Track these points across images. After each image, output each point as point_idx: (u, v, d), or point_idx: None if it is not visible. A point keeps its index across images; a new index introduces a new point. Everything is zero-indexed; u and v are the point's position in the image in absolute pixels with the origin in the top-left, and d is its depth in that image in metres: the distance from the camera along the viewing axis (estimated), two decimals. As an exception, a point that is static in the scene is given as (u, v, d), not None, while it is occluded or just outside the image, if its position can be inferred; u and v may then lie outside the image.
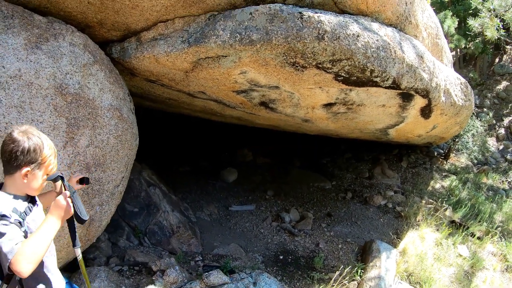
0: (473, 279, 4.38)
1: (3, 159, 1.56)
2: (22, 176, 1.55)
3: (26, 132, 1.56)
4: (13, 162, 1.53)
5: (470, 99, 5.27)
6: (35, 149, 1.55)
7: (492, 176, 7.97)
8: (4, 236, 1.42)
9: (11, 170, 1.56)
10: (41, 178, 1.62)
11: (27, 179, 1.57)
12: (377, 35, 2.86)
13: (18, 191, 1.60)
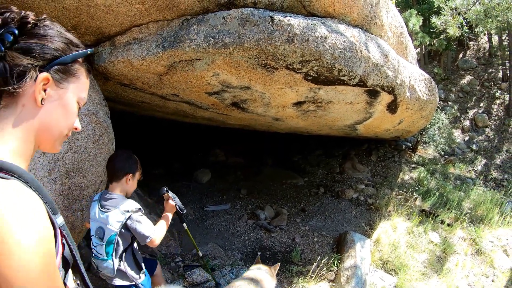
0: (445, 263, 4.61)
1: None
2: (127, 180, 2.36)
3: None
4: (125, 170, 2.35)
5: (434, 93, 5.53)
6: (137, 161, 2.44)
7: (459, 166, 8.35)
8: (144, 223, 2.23)
9: (120, 176, 2.34)
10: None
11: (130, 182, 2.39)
12: (344, 36, 3.01)
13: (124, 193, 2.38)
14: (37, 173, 2.54)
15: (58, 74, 0.88)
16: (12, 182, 0.73)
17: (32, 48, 0.83)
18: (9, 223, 0.66)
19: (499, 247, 5.03)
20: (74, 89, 0.94)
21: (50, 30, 0.88)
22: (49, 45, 0.86)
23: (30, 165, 2.50)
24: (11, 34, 0.81)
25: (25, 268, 0.67)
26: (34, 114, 0.86)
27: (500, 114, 10.60)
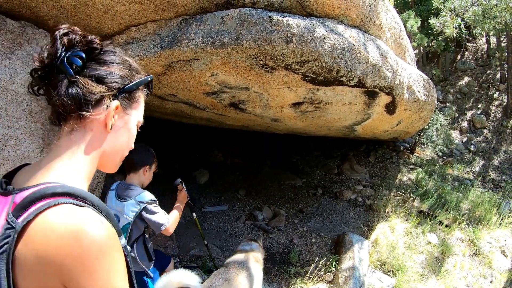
0: (444, 264, 4.61)
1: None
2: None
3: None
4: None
5: (432, 94, 5.53)
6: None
7: (457, 167, 8.36)
8: (158, 213, 2.39)
9: (138, 168, 2.55)
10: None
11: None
12: (343, 37, 3.00)
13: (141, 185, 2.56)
14: (33, 173, 2.52)
15: (124, 101, 0.93)
16: (87, 209, 0.77)
17: (104, 76, 0.87)
18: (98, 250, 0.73)
19: (497, 248, 5.03)
20: (135, 113, 0.99)
21: (115, 57, 0.91)
22: (117, 73, 0.90)
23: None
24: (80, 58, 0.84)
25: (109, 283, 0.74)
26: (102, 138, 0.91)
27: (498, 116, 10.61)
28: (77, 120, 0.87)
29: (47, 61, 0.84)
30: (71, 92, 0.83)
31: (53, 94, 0.83)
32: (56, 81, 0.83)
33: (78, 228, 0.72)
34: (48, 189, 0.76)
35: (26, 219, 0.72)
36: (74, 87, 0.83)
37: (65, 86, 0.83)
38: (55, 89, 0.83)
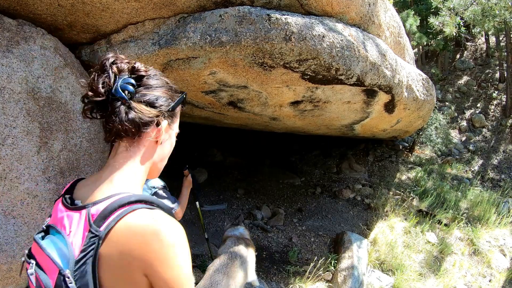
0: (443, 263, 4.61)
1: None
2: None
3: None
4: None
5: (431, 93, 5.53)
6: None
7: (456, 166, 8.36)
8: (168, 198, 2.55)
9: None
10: None
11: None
12: (342, 35, 2.99)
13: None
14: (31, 171, 2.51)
15: (169, 119, 1.08)
16: (157, 211, 0.92)
17: (154, 101, 1.00)
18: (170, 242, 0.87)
19: (496, 247, 5.03)
20: (176, 126, 1.15)
21: (158, 80, 1.04)
22: (163, 96, 1.03)
23: (25, 164, 2.47)
24: (131, 85, 0.96)
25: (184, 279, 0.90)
26: (153, 151, 1.07)
27: (497, 115, 10.61)
28: (133, 139, 1.00)
29: (103, 89, 0.94)
30: (130, 117, 0.95)
31: (112, 118, 0.94)
32: (113, 107, 0.94)
33: (156, 227, 0.86)
34: (123, 199, 0.89)
35: (108, 226, 0.85)
36: (131, 112, 0.95)
37: (124, 111, 0.94)
38: (113, 114, 0.94)
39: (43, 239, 0.94)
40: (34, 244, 0.96)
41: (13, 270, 2.49)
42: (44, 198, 2.58)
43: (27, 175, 2.49)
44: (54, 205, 1.03)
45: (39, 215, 2.56)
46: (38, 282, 0.90)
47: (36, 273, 0.90)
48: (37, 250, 0.93)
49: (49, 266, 0.88)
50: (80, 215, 0.91)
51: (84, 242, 0.86)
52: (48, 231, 0.98)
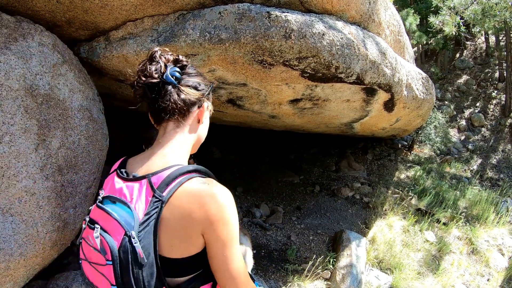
0: (441, 262, 4.61)
1: None
2: None
3: None
4: None
5: (431, 92, 5.52)
6: None
7: (455, 165, 8.37)
8: None
9: None
10: None
11: None
12: (342, 33, 2.98)
13: None
14: (29, 169, 2.49)
15: (207, 101, 1.27)
16: (211, 179, 1.09)
17: (197, 86, 1.20)
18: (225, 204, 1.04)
19: (495, 247, 5.04)
20: (211, 108, 1.33)
21: (195, 70, 1.23)
22: (202, 82, 1.23)
23: (22, 161, 2.45)
24: (178, 72, 1.15)
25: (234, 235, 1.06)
26: (196, 130, 1.26)
27: (496, 114, 10.62)
28: (181, 118, 1.18)
29: (156, 75, 1.11)
30: (182, 97, 1.15)
31: (166, 99, 1.13)
32: (165, 90, 1.13)
33: (211, 192, 1.03)
34: (181, 169, 1.07)
35: (170, 191, 1.01)
36: (181, 94, 1.15)
37: (176, 93, 1.14)
38: (165, 96, 1.13)
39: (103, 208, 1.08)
40: (96, 211, 1.10)
41: (11, 268, 2.48)
42: (42, 196, 2.57)
43: (24, 173, 2.47)
44: (107, 180, 1.21)
45: (37, 213, 2.55)
46: (102, 244, 1.01)
47: (101, 236, 1.02)
48: (101, 215, 1.07)
49: (115, 229, 1.01)
50: (140, 184, 1.07)
51: (148, 206, 1.01)
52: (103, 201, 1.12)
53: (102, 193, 1.17)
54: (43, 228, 2.61)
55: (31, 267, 2.66)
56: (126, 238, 0.98)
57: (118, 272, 0.99)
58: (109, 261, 1.00)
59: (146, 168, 1.13)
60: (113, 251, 0.99)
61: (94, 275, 1.10)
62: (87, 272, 1.15)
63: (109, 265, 1.01)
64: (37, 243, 2.60)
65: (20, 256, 2.50)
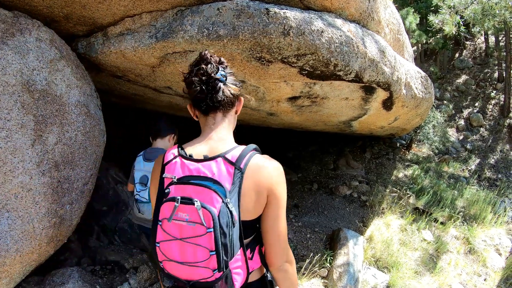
0: (438, 261, 4.62)
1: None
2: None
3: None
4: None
5: (430, 91, 5.51)
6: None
7: (453, 165, 8.37)
8: None
9: (165, 135, 2.94)
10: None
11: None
12: (341, 30, 2.97)
13: None
14: (25, 165, 2.48)
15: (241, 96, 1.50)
16: (266, 155, 1.39)
17: (236, 83, 1.43)
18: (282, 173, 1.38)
19: (492, 247, 5.04)
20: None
21: (230, 69, 1.44)
22: (237, 80, 1.47)
23: (19, 157, 2.44)
24: (224, 71, 1.37)
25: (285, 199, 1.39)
26: (234, 119, 1.52)
27: (495, 114, 10.63)
28: (226, 110, 1.42)
29: (212, 74, 1.32)
30: (232, 92, 1.39)
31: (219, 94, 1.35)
32: (217, 86, 1.34)
33: (273, 164, 1.36)
34: (247, 148, 1.34)
35: (246, 164, 1.28)
36: (230, 90, 1.38)
37: (227, 89, 1.37)
38: (217, 91, 1.34)
39: (192, 184, 1.25)
40: (184, 188, 1.24)
41: (6, 264, 2.47)
42: (38, 192, 2.56)
43: (21, 169, 2.46)
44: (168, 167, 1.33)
45: (33, 208, 2.54)
46: (204, 214, 1.19)
47: (202, 208, 1.19)
48: (194, 190, 1.23)
49: (212, 199, 1.20)
50: (217, 162, 1.28)
51: (232, 177, 1.25)
52: (185, 181, 1.27)
53: (171, 176, 1.29)
54: (39, 224, 2.60)
55: (27, 263, 2.65)
56: (224, 205, 1.20)
57: (218, 236, 1.19)
58: (210, 229, 1.18)
59: (211, 150, 1.34)
60: (214, 218, 1.18)
61: (177, 269, 1.27)
62: (170, 268, 1.29)
63: (209, 232, 1.19)
64: (33, 239, 2.59)
65: (16, 252, 2.49)
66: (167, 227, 1.25)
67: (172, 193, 1.26)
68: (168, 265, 1.29)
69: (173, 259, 1.27)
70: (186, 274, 1.27)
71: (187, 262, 1.24)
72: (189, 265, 1.25)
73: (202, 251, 1.21)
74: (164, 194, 1.27)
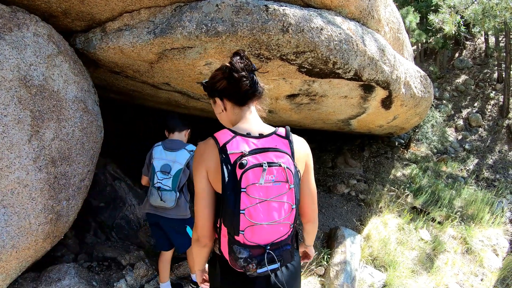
0: (435, 261, 4.61)
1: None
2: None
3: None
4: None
5: (429, 91, 5.51)
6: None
7: (451, 165, 8.38)
8: None
9: (182, 129, 3.12)
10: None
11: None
12: (340, 28, 2.95)
13: None
14: (21, 161, 2.47)
15: None
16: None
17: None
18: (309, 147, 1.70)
19: (489, 247, 5.05)
20: None
21: None
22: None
23: (15, 152, 2.42)
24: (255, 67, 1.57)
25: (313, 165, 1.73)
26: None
27: (494, 115, 10.64)
28: (257, 100, 1.64)
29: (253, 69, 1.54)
30: (263, 85, 1.63)
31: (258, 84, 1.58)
32: (254, 78, 1.56)
33: (305, 141, 1.69)
34: (287, 128, 1.58)
35: (292, 137, 1.56)
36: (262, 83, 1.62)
37: (260, 81, 1.60)
38: (257, 83, 1.58)
39: (270, 151, 1.46)
40: (262, 155, 1.43)
41: (2, 260, 2.46)
42: (35, 188, 2.55)
43: (17, 164, 2.45)
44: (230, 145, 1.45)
45: (29, 204, 2.53)
46: (288, 173, 1.43)
47: (287, 168, 1.43)
48: (274, 155, 1.44)
49: (288, 161, 1.45)
50: (273, 138, 1.52)
51: (289, 146, 1.52)
52: (257, 152, 1.44)
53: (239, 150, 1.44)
54: (36, 220, 2.59)
55: (23, 259, 2.64)
56: (294, 166, 1.48)
57: (296, 192, 1.47)
58: (292, 185, 1.44)
59: (260, 129, 1.55)
60: (295, 176, 1.46)
61: (260, 232, 1.41)
62: (252, 233, 1.41)
63: (292, 188, 1.45)
64: (29, 235, 2.58)
65: (12, 248, 2.48)
66: (255, 191, 1.40)
67: (252, 162, 1.41)
68: (251, 231, 1.40)
69: (259, 221, 1.40)
70: (267, 235, 1.44)
71: (272, 221, 1.42)
72: (274, 223, 1.43)
73: (286, 206, 1.45)
74: (240, 165, 1.39)
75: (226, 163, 1.43)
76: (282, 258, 1.50)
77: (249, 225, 1.39)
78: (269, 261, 1.45)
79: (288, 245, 1.53)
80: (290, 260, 1.57)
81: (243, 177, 1.38)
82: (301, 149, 1.61)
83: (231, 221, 1.41)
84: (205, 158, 1.50)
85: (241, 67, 1.49)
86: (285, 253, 1.51)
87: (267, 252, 1.44)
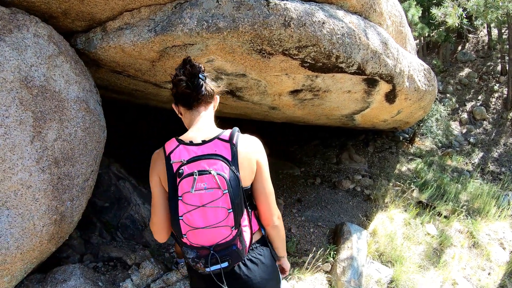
0: (442, 255, 4.58)
1: None
2: None
3: None
4: None
5: (433, 84, 5.46)
6: None
7: (456, 159, 8.32)
8: None
9: None
10: None
11: None
12: (342, 22, 2.92)
13: None
14: (24, 162, 2.46)
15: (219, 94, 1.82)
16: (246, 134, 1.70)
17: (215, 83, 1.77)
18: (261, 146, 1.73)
19: (496, 240, 5.00)
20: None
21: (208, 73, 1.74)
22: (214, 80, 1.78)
23: (18, 154, 2.41)
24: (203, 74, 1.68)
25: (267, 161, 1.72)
26: (212, 112, 1.78)
27: (498, 108, 10.56)
28: (207, 104, 1.72)
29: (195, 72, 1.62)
30: (211, 88, 1.71)
31: (201, 89, 1.64)
32: (200, 84, 1.64)
33: (256, 139, 1.72)
34: (233, 130, 1.64)
35: (237, 139, 1.60)
36: (210, 86, 1.70)
37: (208, 86, 1.68)
38: (200, 87, 1.64)
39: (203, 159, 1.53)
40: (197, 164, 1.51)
41: (7, 262, 2.45)
42: (38, 189, 2.54)
43: (20, 165, 2.44)
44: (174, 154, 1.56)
45: (33, 206, 2.52)
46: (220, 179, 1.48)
47: (217, 174, 1.48)
48: (207, 163, 1.51)
49: (222, 167, 1.51)
50: (214, 143, 1.57)
51: (230, 150, 1.56)
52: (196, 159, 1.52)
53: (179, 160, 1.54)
54: (40, 221, 2.58)
55: (28, 260, 2.64)
56: (231, 171, 1.52)
57: (232, 196, 1.49)
58: (225, 190, 1.48)
59: (204, 135, 1.60)
60: (227, 181, 1.49)
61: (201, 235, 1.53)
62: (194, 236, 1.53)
63: (225, 193, 1.48)
64: (33, 237, 2.57)
65: (17, 249, 2.47)
66: (188, 198, 1.50)
67: (186, 171, 1.50)
68: (192, 234, 1.53)
69: (197, 226, 1.51)
70: (209, 238, 1.54)
71: (210, 225, 1.51)
72: (212, 227, 1.51)
73: (221, 211, 1.50)
74: (178, 175, 1.50)
75: (170, 172, 1.55)
76: (230, 258, 1.59)
77: (189, 229, 1.52)
78: (214, 261, 1.57)
79: (234, 245, 1.59)
80: (239, 259, 1.64)
81: (179, 185, 1.50)
82: (248, 150, 1.63)
83: (174, 225, 1.57)
84: (156, 166, 1.65)
85: (180, 72, 1.61)
86: (232, 253, 1.59)
87: (211, 254, 1.56)
